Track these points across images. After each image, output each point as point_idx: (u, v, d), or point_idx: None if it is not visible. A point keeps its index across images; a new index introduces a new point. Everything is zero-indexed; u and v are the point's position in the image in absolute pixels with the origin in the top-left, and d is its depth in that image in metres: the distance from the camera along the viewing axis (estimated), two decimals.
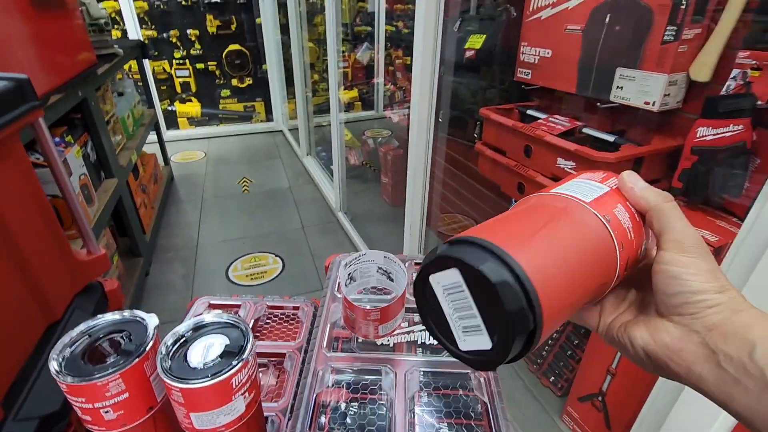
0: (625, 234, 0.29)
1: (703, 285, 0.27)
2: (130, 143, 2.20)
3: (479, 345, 0.25)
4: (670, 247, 0.28)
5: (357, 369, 0.52)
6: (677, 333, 0.27)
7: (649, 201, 0.30)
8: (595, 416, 1.31)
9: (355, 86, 4.21)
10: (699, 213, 1.00)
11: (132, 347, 0.43)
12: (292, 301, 0.77)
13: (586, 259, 0.27)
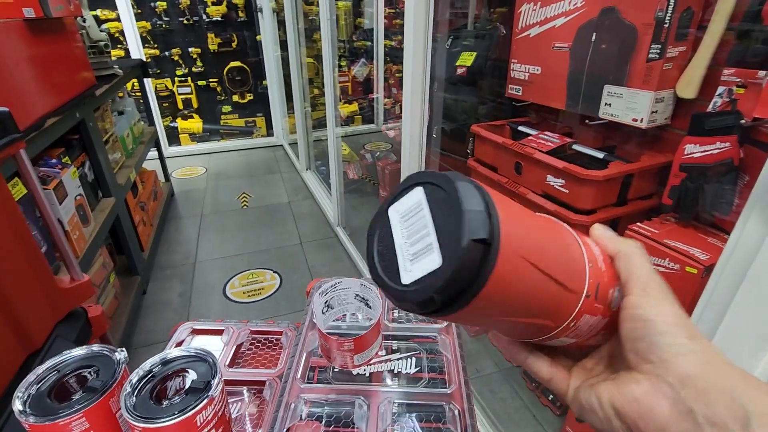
0: (595, 258, 0.28)
1: (670, 328, 0.25)
2: (128, 161, 2.23)
3: (427, 267, 0.22)
4: (635, 291, 0.27)
5: (331, 400, 0.52)
6: (647, 385, 0.24)
7: (617, 244, 0.29)
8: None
9: (355, 101, 4.25)
10: (691, 230, 0.99)
11: (98, 384, 0.42)
12: (276, 326, 0.76)
13: (556, 244, 0.27)
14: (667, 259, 0.94)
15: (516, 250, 0.22)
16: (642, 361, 0.25)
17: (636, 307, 0.26)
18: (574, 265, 0.27)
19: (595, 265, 0.28)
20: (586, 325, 0.28)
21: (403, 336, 0.61)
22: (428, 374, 0.55)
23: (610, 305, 0.29)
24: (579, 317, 0.27)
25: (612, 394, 0.26)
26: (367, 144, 3.63)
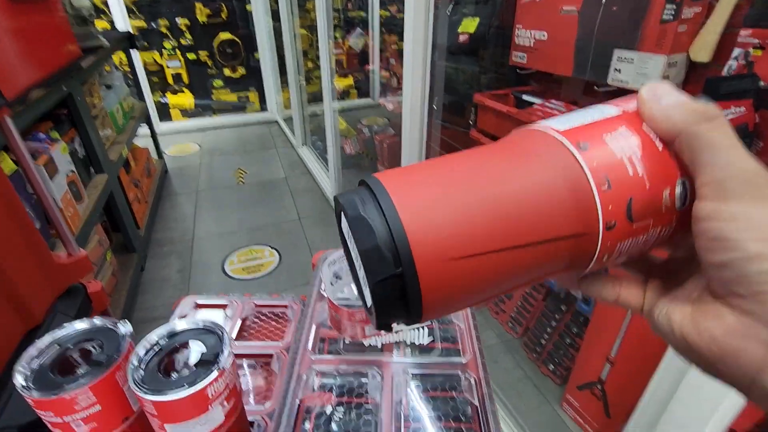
0: (620, 167, 0.20)
1: (764, 247, 0.17)
2: (120, 137, 2.17)
3: (369, 300, 0.20)
4: (708, 192, 0.19)
5: (343, 371, 0.51)
6: (733, 324, 0.18)
7: (675, 121, 0.19)
8: (595, 405, 1.30)
9: (350, 74, 4.14)
10: None
11: (103, 357, 0.41)
12: (281, 299, 0.75)
13: (511, 206, 0.19)
14: None
15: (442, 255, 0.18)
16: (728, 293, 0.18)
17: (709, 218, 0.18)
18: (562, 204, 0.20)
19: (619, 177, 0.20)
20: (636, 245, 0.21)
21: None
22: (441, 344, 0.54)
23: (675, 207, 0.20)
24: (611, 249, 0.21)
25: (687, 328, 0.20)
26: (364, 119, 3.55)
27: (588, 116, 0.22)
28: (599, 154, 0.20)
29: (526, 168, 0.20)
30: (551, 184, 0.20)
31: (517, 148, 0.21)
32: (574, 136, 0.21)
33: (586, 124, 0.21)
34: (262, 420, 0.55)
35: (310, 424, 0.45)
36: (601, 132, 0.21)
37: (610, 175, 0.20)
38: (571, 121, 0.22)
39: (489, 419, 0.44)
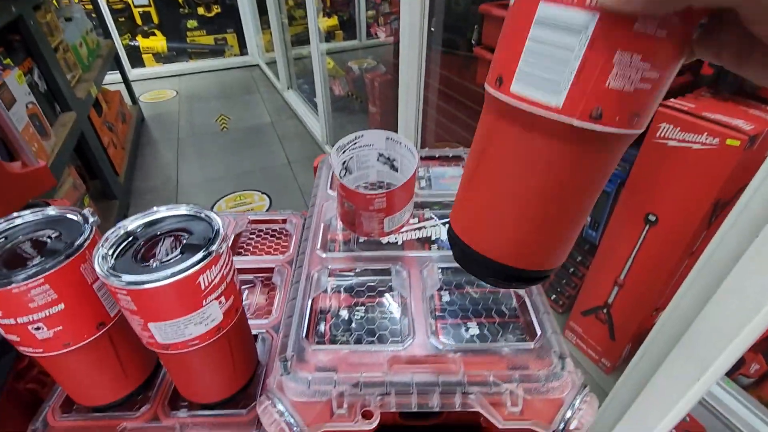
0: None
1: None
2: (86, 75, 1.98)
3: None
4: None
5: (360, 271, 0.43)
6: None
7: None
8: (599, 328, 1.29)
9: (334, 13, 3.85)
10: (730, 103, 0.90)
11: (61, 245, 0.32)
12: (278, 214, 0.66)
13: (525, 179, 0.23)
14: (705, 133, 0.85)
15: (489, 242, 0.26)
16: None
17: None
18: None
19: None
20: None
21: (436, 203, 0.51)
22: None
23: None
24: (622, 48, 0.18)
25: None
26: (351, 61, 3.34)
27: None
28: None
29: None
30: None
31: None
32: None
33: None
34: (266, 333, 0.49)
35: (325, 324, 0.38)
36: None
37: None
38: None
39: (539, 309, 0.38)
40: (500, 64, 0.22)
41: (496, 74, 0.22)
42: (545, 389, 0.32)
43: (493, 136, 0.24)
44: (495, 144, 0.24)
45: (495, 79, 0.22)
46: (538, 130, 0.22)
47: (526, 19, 0.20)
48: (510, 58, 0.21)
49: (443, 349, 0.35)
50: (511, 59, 0.21)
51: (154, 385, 0.43)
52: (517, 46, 0.21)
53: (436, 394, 0.32)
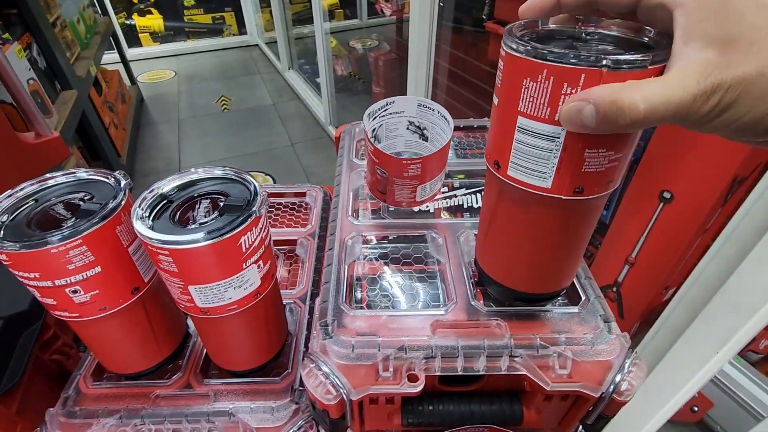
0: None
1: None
2: (85, 53, 1.93)
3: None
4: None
5: (394, 238, 0.42)
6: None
7: None
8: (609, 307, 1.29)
9: None
10: None
11: (96, 207, 0.31)
12: (297, 187, 0.65)
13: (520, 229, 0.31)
14: None
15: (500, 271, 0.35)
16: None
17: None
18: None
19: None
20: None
21: (466, 171, 0.50)
22: None
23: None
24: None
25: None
26: (352, 40, 3.28)
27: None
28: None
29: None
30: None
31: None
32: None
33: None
34: (294, 304, 0.48)
35: (362, 291, 0.38)
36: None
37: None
38: None
39: (581, 275, 0.37)
40: (495, 150, 0.28)
41: (493, 158, 0.28)
42: (593, 352, 0.32)
43: (500, 203, 0.30)
44: (502, 208, 0.31)
45: (493, 162, 0.28)
46: (534, 201, 0.28)
47: (510, 124, 0.25)
48: (503, 149, 0.27)
49: (486, 312, 0.35)
50: (503, 150, 0.27)
51: (183, 354, 0.43)
52: (507, 142, 0.26)
53: (482, 358, 0.31)
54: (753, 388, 1.04)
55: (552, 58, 0.22)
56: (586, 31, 0.27)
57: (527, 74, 0.23)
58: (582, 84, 0.21)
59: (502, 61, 0.25)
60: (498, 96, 0.26)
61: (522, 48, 0.23)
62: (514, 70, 0.24)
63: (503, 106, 0.26)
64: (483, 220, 0.35)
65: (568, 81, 0.22)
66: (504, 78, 0.25)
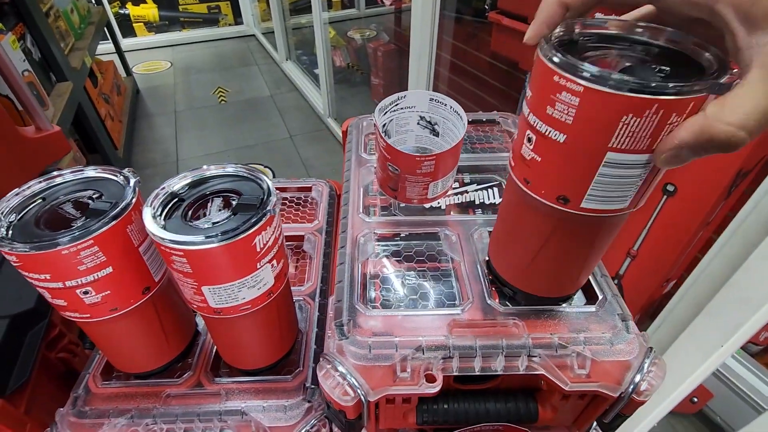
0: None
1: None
2: (79, 44, 1.90)
3: None
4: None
5: (406, 236, 0.42)
6: None
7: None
8: None
9: None
10: None
11: (106, 206, 0.30)
12: (302, 181, 0.64)
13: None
14: None
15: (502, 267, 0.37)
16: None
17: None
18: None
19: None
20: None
21: (475, 167, 0.49)
22: None
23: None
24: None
25: None
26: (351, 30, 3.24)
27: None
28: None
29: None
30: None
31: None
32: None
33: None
34: (304, 301, 0.48)
35: (375, 291, 0.37)
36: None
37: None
38: None
39: (597, 273, 0.37)
40: (563, 187, 0.26)
41: (556, 193, 0.26)
42: (612, 351, 0.32)
43: (524, 218, 0.30)
44: (527, 224, 0.30)
45: (556, 197, 0.26)
46: (576, 221, 0.27)
47: (593, 161, 0.23)
48: (575, 185, 0.25)
49: (503, 311, 0.34)
50: (576, 186, 0.25)
51: (193, 353, 0.42)
52: (585, 177, 0.24)
53: (500, 357, 0.31)
54: (752, 379, 1.05)
55: (660, 91, 0.20)
56: (612, 34, 0.25)
57: (629, 111, 0.20)
58: (689, 112, 0.20)
59: (573, 96, 0.22)
60: (568, 133, 0.23)
61: (618, 83, 0.20)
62: (606, 107, 0.21)
63: (581, 144, 0.23)
64: (500, 230, 0.34)
65: (678, 111, 0.20)
66: (584, 115, 0.22)
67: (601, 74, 0.20)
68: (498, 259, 0.35)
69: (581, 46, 0.25)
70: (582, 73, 0.21)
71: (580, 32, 0.25)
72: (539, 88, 0.24)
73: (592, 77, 0.21)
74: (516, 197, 0.30)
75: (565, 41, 0.25)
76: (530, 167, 0.26)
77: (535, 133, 0.25)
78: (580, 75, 0.21)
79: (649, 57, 0.24)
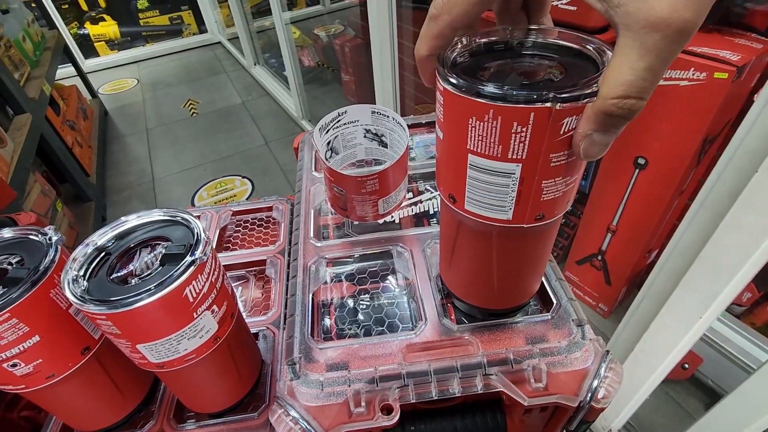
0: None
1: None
2: (36, 72, 1.84)
3: None
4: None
5: (359, 256, 0.41)
6: None
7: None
8: (595, 275, 1.31)
9: None
10: (715, 35, 0.87)
11: (23, 273, 0.28)
12: (262, 201, 0.63)
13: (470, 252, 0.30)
14: (692, 68, 0.83)
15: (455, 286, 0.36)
16: None
17: None
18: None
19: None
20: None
21: (431, 173, 0.48)
22: None
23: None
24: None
25: None
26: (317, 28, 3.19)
27: None
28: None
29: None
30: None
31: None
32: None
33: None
34: (267, 330, 0.46)
35: (330, 319, 0.36)
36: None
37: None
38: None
39: (552, 277, 0.36)
40: (449, 185, 0.26)
41: (447, 191, 0.27)
42: (568, 360, 0.31)
43: (459, 232, 0.30)
44: (461, 237, 0.30)
45: (448, 195, 0.27)
46: (494, 232, 0.27)
47: (461, 160, 0.24)
48: (456, 185, 0.25)
49: (457, 330, 0.33)
50: (457, 185, 0.25)
51: (155, 399, 0.41)
52: (460, 177, 0.24)
53: (456, 379, 0.30)
54: (739, 340, 1.06)
55: (496, 97, 0.20)
56: (517, 39, 0.25)
57: (472, 113, 0.21)
58: (532, 122, 0.20)
59: (440, 95, 0.23)
60: (442, 130, 0.24)
61: (463, 85, 0.21)
62: (457, 108, 0.22)
63: (450, 142, 0.24)
64: (443, 244, 0.33)
65: (518, 120, 0.20)
66: (446, 114, 0.23)
67: (448, 74, 0.22)
68: (445, 274, 0.35)
69: (484, 57, 0.25)
70: (442, 74, 0.22)
71: (486, 42, 0.25)
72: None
73: (443, 77, 0.22)
74: (443, 204, 0.30)
75: (474, 51, 0.25)
76: (437, 164, 0.28)
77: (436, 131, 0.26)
78: (441, 76, 0.22)
79: (547, 60, 0.23)
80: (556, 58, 0.24)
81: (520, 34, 0.25)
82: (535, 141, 0.21)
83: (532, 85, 0.21)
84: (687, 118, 0.90)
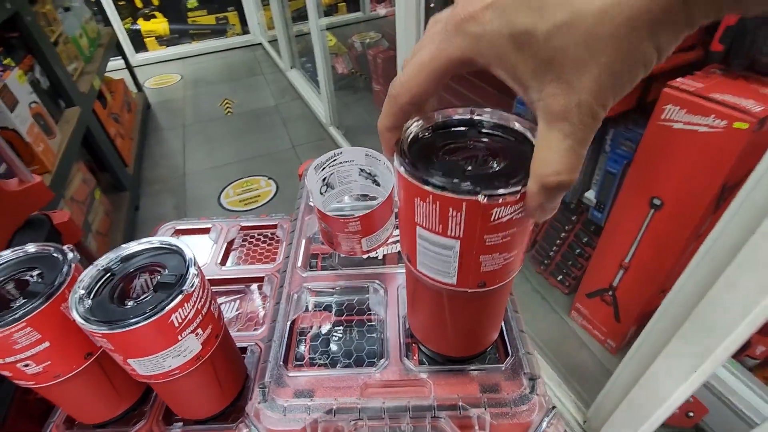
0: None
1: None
2: (89, 67, 1.98)
3: None
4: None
5: (340, 288, 0.44)
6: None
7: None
8: (605, 310, 1.29)
9: None
10: (741, 81, 0.85)
11: (41, 287, 0.33)
12: (269, 219, 0.67)
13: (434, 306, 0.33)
14: (713, 115, 0.81)
15: (422, 334, 0.38)
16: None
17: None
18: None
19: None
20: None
21: None
22: None
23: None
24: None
25: None
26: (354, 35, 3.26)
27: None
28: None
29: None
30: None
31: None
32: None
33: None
34: (255, 346, 0.50)
35: (305, 346, 0.40)
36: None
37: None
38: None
39: (513, 328, 0.38)
40: (405, 246, 0.30)
41: (404, 251, 0.30)
42: (513, 413, 0.33)
43: (417, 288, 0.33)
44: (419, 291, 0.33)
45: (405, 255, 0.30)
46: (445, 291, 0.29)
47: (412, 229, 0.27)
48: (410, 248, 0.28)
49: (415, 371, 0.36)
50: (411, 248, 0.28)
51: (149, 400, 0.46)
52: (412, 242, 0.28)
53: (406, 419, 0.33)
54: (748, 394, 1.02)
55: (437, 186, 0.23)
56: (479, 119, 0.28)
57: (418, 195, 0.24)
58: (465, 210, 0.22)
59: (396, 172, 0.26)
60: (399, 200, 0.27)
61: (411, 172, 0.24)
62: (407, 187, 0.25)
63: (404, 212, 0.27)
64: (408, 293, 0.36)
65: (453, 207, 0.23)
66: (400, 189, 0.26)
67: (399, 162, 0.25)
68: (410, 318, 0.37)
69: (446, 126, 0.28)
70: (396, 158, 0.26)
71: (448, 121, 0.28)
72: None
73: (399, 163, 0.25)
74: (405, 265, 0.34)
75: (437, 126, 0.28)
76: (399, 229, 0.31)
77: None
78: (397, 161, 0.26)
79: (500, 142, 0.26)
80: (510, 141, 0.26)
81: (482, 115, 0.28)
82: (469, 225, 0.23)
83: (470, 177, 0.24)
84: (705, 164, 0.88)
